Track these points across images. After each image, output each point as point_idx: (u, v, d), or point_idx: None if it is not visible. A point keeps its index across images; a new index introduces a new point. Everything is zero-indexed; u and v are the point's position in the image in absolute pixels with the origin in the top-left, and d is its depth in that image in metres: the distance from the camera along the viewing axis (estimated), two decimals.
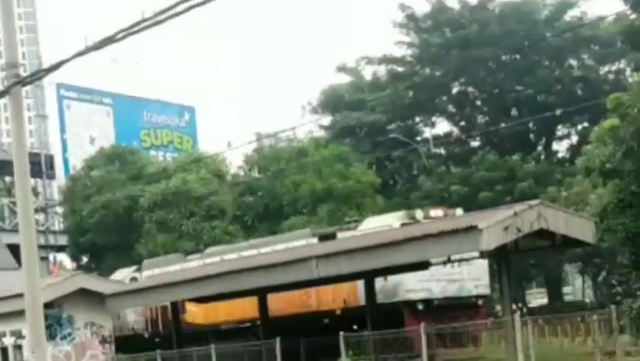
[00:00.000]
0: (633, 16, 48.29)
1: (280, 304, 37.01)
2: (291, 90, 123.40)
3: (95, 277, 41.89)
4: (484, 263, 33.99)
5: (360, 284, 33.63)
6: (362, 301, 33.95)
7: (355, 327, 32.72)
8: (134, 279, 42.83)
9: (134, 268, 45.48)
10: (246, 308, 38.30)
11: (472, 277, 34.43)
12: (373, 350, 29.88)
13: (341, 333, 29.23)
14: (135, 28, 14.15)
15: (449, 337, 30.66)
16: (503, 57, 67.19)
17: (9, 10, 17.21)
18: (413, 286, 33.44)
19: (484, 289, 35.25)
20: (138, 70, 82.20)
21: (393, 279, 33.25)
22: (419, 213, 33.48)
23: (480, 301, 34.83)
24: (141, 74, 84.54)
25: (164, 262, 43.74)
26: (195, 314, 41.20)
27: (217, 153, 61.50)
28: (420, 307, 33.39)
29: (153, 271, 42.04)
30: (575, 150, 64.10)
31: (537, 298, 74.86)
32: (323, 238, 35.87)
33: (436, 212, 34.19)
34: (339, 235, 35.84)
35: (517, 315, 24.26)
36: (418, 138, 69.28)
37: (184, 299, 38.24)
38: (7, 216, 61.60)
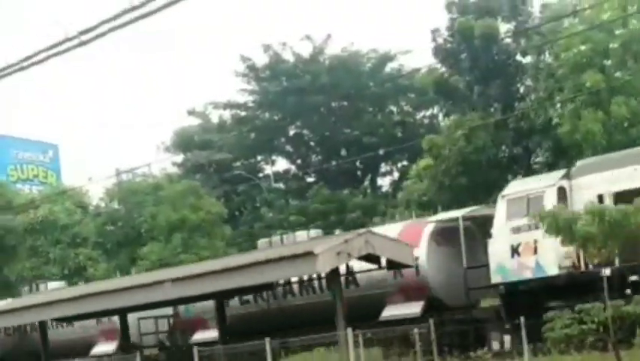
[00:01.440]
0: (442, 69, 49.67)
1: None
2: (146, 130, 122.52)
3: None
4: None
5: None
6: None
7: None
8: (561, 190, 25.78)
9: (561, 172, 27.48)
10: None
11: None
12: None
13: (195, 348, 28.94)
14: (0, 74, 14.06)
15: None
16: (333, 104, 68.06)
17: None
18: None
19: None
20: (7, 110, 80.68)
21: None
22: None
23: None
24: (11, 111, 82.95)
25: None
26: None
27: (80, 186, 60.58)
28: None
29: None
30: (396, 185, 65.06)
31: None
32: None
33: None
34: None
35: (349, 329, 24.52)
36: (261, 175, 69.53)
37: (53, 318, 37.43)
38: None
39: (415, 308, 28.18)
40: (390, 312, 28.79)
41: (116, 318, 35.72)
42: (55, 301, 35.06)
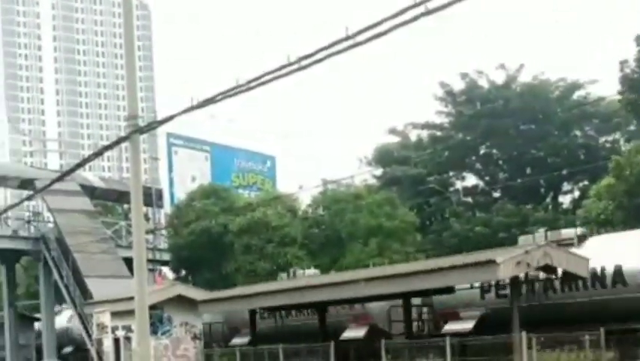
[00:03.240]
0: (631, 95, 47.92)
1: None
2: (350, 145, 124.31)
3: (191, 286, 42.07)
4: None
5: None
6: None
7: None
8: None
9: None
10: None
11: None
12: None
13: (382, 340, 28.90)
14: (230, 93, 14.38)
15: None
16: (522, 127, 66.76)
17: (132, 70, 17.43)
18: None
19: None
20: (233, 123, 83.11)
21: None
22: None
23: None
24: (235, 125, 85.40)
25: None
26: None
27: (291, 193, 61.64)
28: None
29: None
30: (576, 203, 63.37)
31: None
32: None
33: None
34: None
35: (523, 332, 23.88)
36: (451, 189, 68.93)
37: (261, 307, 38.01)
38: (124, 235, 62.23)
39: None
40: None
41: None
42: (265, 293, 35.75)
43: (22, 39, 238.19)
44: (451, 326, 30.16)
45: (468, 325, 29.50)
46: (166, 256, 63.69)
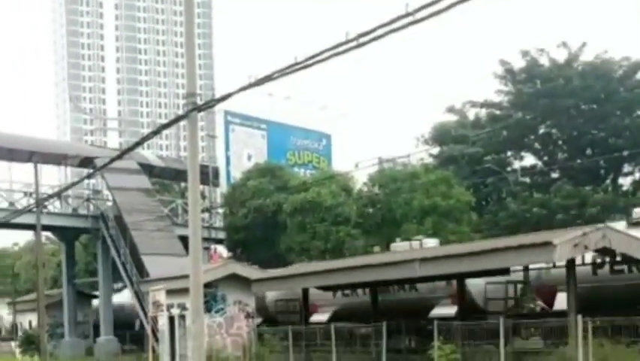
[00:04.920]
0: None
1: None
2: (408, 123, 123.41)
3: (245, 265, 42.26)
4: None
5: None
6: None
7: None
8: None
9: None
10: None
11: None
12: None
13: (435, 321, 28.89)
14: (288, 70, 14.39)
15: None
16: (583, 106, 65.91)
17: (192, 49, 17.52)
18: None
19: None
20: (289, 102, 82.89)
21: None
22: None
23: None
24: (292, 104, 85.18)
25: None
26: None
27: (346, 172, 61.52)
28: None
29: None
30: (637, 185, 62.55)
31: None
32: None
33: None
34: None
35: (579, 316, 23.67)
36: (509, 169, 68.46)
37: (314, 286, 38.18)
38: (180, 213, 62.87)
39: None
40: None
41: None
42: (319, 272, 35.93)
43: (84, 18, 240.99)
44: (315, 317, 38.75)
45: (324, 317, 38.47)
46: (221, 235, 64.10)
